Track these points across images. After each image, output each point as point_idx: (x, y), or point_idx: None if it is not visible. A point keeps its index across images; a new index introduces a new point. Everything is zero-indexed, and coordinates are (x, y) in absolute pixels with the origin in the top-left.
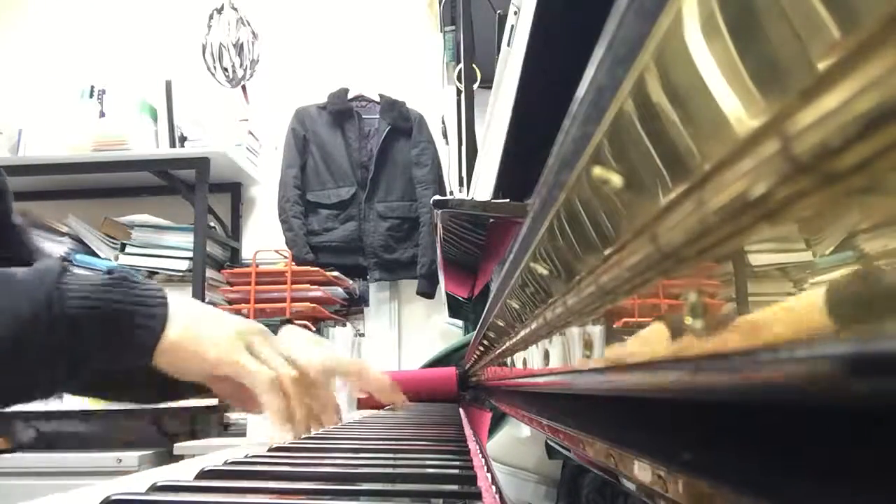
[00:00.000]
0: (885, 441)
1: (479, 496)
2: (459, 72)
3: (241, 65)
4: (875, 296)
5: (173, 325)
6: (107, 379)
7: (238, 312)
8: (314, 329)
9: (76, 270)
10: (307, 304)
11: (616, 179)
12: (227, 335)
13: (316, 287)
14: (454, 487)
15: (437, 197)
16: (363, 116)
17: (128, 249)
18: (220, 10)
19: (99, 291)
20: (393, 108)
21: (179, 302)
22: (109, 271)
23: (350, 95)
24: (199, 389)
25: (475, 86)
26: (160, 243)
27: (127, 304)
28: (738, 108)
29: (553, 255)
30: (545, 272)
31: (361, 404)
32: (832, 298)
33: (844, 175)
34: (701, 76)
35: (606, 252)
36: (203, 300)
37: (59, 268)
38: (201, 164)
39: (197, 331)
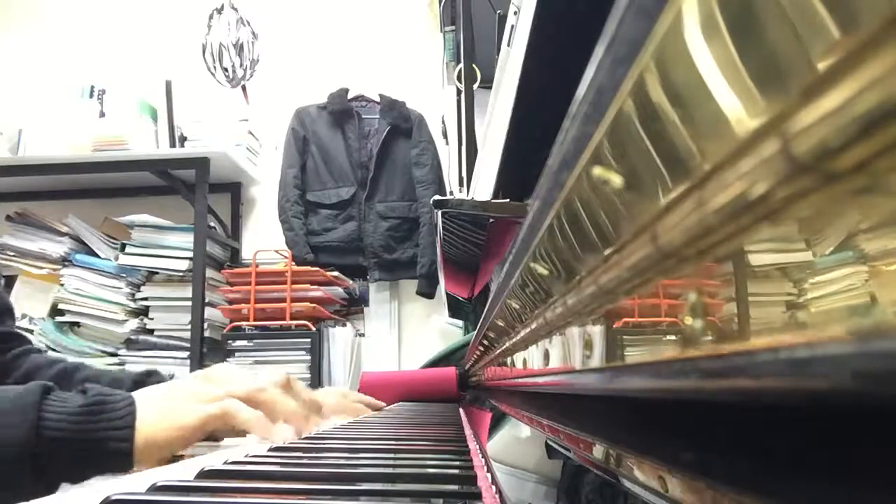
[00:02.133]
0: (885, 441)
1: (479, 496)
2: (459, 72)
3: (241, 65)
4: (875, 296)
5: (141, 430)
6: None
7: (238, 312)
8: (314, 329)
9: (52, 399)
10: (307, 304)
11: (616, 179)
12: (189, 412)
13: (316, 287)
14: (454, 487)
15: (437, 197)
16: (363, 116)
17: (128, 249)
18: (220, 10)
19: (74, 422)
20: (393, 108)
21: (146, 406)
22: (84, 391)
23: (350, 95)
24: None
25: (475, 86)
26: (160, 243)
27: (100, 432)
28: (738, 108)
29: (553, 255)
30: (545, 272)
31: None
32: (832, 298)
33: (844, 175)
34: (701, 76)
35: (606, 252)
36: (203, 300)
37: (39, 395)
38: (201, 164)
39: (165, 429)
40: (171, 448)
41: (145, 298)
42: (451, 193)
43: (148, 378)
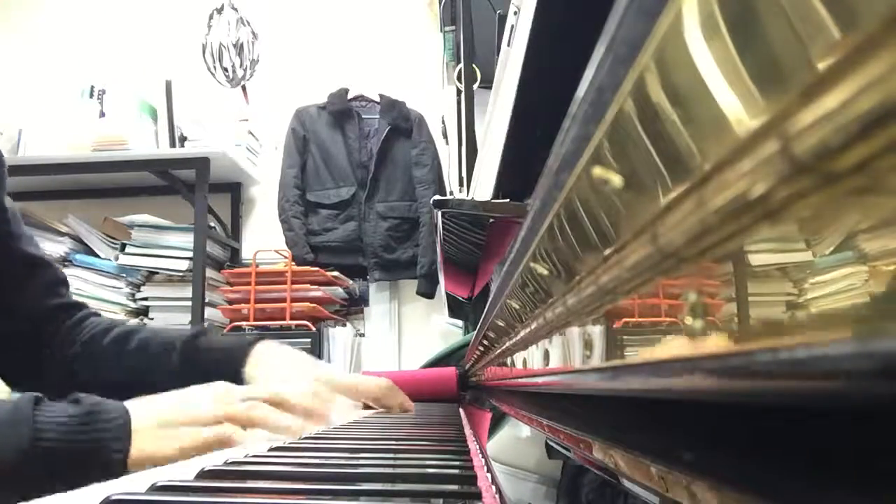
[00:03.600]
0: (885, 441)
1: (479, 496)
2: (459, 72)
3: (241, 65)
4: (875, 296)
5: (136, 439)
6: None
7: (238, 312)
8: (314, 329)
9: (45, 409)
10: (307, 304)
11: (616, 179)
12: (187, 436)
13: (316, 287)
14: (454, 487)
15: (437, 197)
16: (363, 116)
17: (128, 249)
18: (220, 10)
19: (67, 432)
20: (393, 108)
21: (140, 414)
22: (76, 400)
23: (350, 95)
24: None
25: (475, 86)
26: (160, 243)
27: (92, 443)
28: (738, 108)
29: (553, 255)
30: (545, 272)
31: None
32: (832, 299)
33: (844, 175)
34: (701, 76)
35: (606, 252)
36: (203, 300)
37: (31, 408)
38: (201, 164)
39: (162, 449)
40: (166, 463)
41: (145, 298)
42: (451, 193)
43: (196, 339)
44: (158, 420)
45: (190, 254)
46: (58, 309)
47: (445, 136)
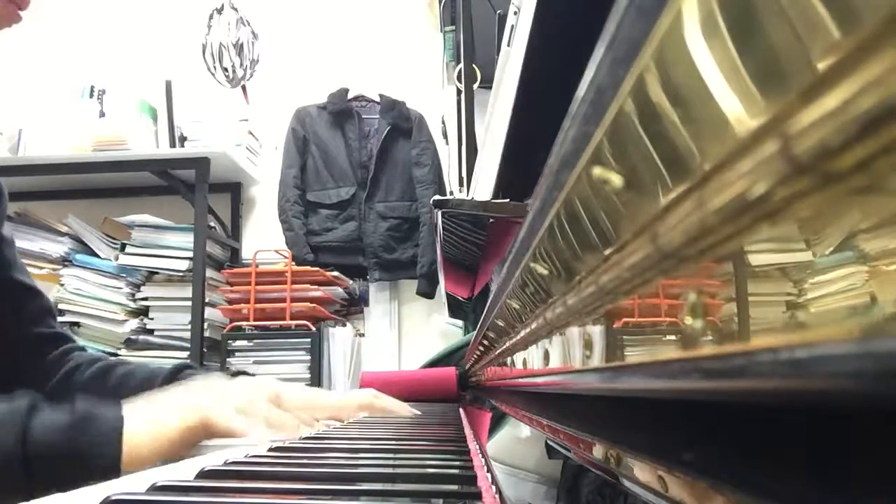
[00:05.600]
0: (885, 441)
1: (479, 496)
2: (459, 72)
3: (241, 65)
4: (875, 296)
5: (128, 443)
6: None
7: (238, 312)
8: (314, 329)
9: (39, 414)
10: (307, 304)
11: (616, 179)
12: (169, 423)
13: (316, 287)
14: (454, 487)
15: (437, 197)
16: (363, 116)
17: (128, 249)
18: (220, 10)
19: (56, 439)
20: (393, 108)
21: (131, 419)
22: (72, 406)
23: (350, 95)
24: None
25: (475, 86)
26: (160, 243)
27: (86, 446)
28: (738, 108)
29: (553, 255)
30: (545, 272)
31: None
32: (832, 298)
33: (844, 175)
34: (701, 76)
35: (606, 252)
36: (203, 300)
37: (26, 410)
38: (201, 164)
39: (147, 442)
40: (156, 458)
41: (145, 298)
42: (451, 193)
43: (180, 373)
44: (144, 418)
45: (190, 254)
46: (43, 338)
47: (445, 136)
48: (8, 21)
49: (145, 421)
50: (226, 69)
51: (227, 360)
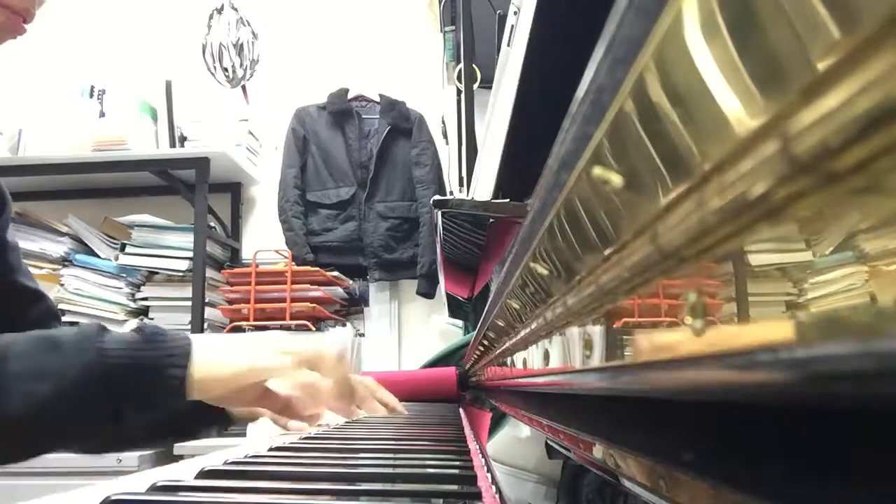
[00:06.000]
0: (885, 441)
1: (479, 496)
2: (459, 72)
3: (241, 65)
4: (875, 296)
5: (197, 362)
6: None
7: (238, 312)
8: (314, 329)
9: (110, 333)
10: (307, 304)
11: (616, 179)
12: (243, 354)
13: (316, 287)
14: (454, 487)
15: (437, 197)
16: (363, 116)
17: (128, 249)
18: (220, 10)
19: (132, 350)
20: (393, 108)
21: (203, 340)
22: (139, 328)
23: (350, 95)
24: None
25: (475, 86)
26: (160, 243)
27: (157, 358)
28: (738, 108)
29: (553, 255)
30: (545, 272)
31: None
32: (832, 298)
33: (844, 175)
34: (701, 76)
35: (606, 252)
36: (203, 300)
37: (97, 330)
38: (201, 164)
39: (218, 360)
40: (224, 387)
41: (145, 298)
42: (451, 193)
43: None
44: (217, 346)
45: (190, 254)
46: None
47: (445, 136)
48: (12, 33)
49: (217, 348)
50: (226, 69)
51: None
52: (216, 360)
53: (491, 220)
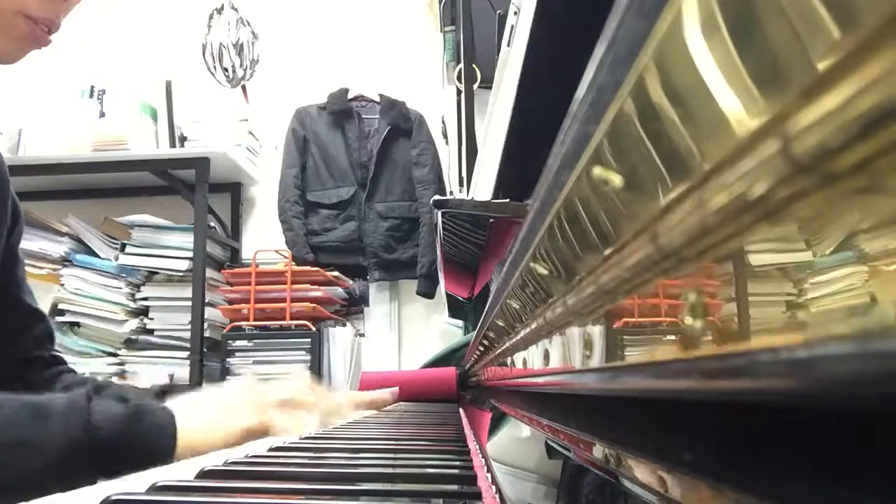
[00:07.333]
0: (885, 441)
1: (479, 496)
2: (459, 72)
3: (241, 65)
4: (875, 296)
5: (180, 435)
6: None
7: (238, 312)
8: (314, 329)
9: (99, 403)
10: (307, 304)
11: (616, 179)
12: (221, 417)
13: (316, 287)
14: (454, 487)
15: (437, 197)
16: (363, 116)
17: (128, 249)
18: (220, 10)
19: (121, 425)
20: (393, 108)
21: (181, 406)
22: (124, 399)
23: (350, 95)
24: None
25: (475, 86)
26: (160, 243)
27: (145, 435)
28: (738, 108)
29: (553, 255)
30: (545, 272)
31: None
32: (832, 298)
33: (844, 175)
34: (701, 76)
35: (606, 252)
36: (203, 300)
37: (86, 400)
38: (201, 164)
39: (200, 427)
40: (208, 450)
41: (145, 298)
42: (451, 193)
43: (162, 396)
44: (205, 416)
45: (190, 254)
46: (42, 361)
47: (445, 136)
48: (37, 44)
49: (205, 419)
50: (226, 69)
51: (227, 360)
52: (199, 428)
53: (491, 220)
